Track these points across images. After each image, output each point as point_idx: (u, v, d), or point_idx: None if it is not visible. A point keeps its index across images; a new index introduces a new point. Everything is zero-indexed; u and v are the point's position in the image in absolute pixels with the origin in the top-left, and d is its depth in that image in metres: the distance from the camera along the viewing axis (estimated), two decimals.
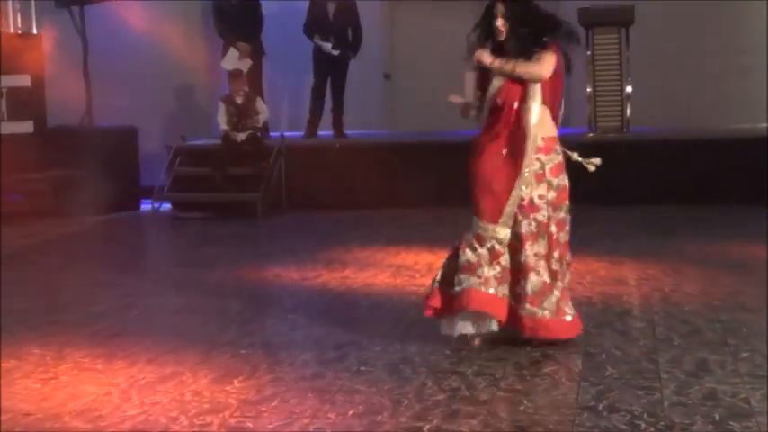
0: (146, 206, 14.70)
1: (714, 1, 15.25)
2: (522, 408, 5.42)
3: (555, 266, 6.52)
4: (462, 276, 6.50)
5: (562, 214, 6.55)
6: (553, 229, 6.50)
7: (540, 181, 6.46)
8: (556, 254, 6.51)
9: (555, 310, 6.50)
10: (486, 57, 6.52)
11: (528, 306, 6.46)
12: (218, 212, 13.97)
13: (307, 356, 6.56)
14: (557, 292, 6.51)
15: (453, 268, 6.60)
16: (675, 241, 10.82)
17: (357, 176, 14.22)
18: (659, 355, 6.30)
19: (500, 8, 6.48)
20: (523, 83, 6.46)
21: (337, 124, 15.24)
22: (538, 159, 6.45)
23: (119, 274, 9.79)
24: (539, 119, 6.47)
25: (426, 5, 16.40)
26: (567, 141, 6.80)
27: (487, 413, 5.34)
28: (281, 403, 5.60)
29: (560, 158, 6.55)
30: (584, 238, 9.50)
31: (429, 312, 6.70)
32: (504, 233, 6.47)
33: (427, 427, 5.15)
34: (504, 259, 6.49)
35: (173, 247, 12.57)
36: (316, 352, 6.68)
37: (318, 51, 14.98)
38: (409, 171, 13.96)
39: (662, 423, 5.11)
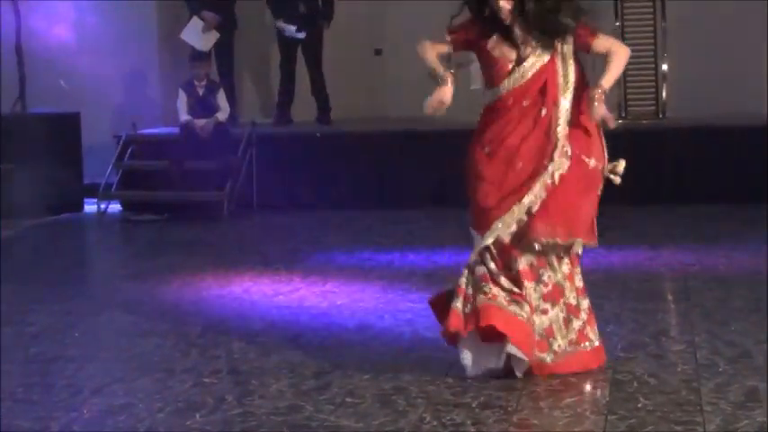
0: (90, 207, 14.67)
1: None
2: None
3: (579, 283, 6.55)
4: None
5: None
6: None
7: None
8: (578, 269, 6.54)
9: (575, 339, 6.50)
10: (609, 118, 6.52)
11: (536, 352, 6.40)
12: (177, 214, 13.97)
13: (281, 386, 6.57)
14: (582, 317, 6.53)
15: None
16: (721, 248, 10.84)
17: (341, 171, 14.24)
18: (701, 384, 6.32)
19: None
20: (559, 71, 6.39)
21: (320, 109, 15.27)
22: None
23: (58, 289, 9.79)
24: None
25: None
26: None
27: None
28: None
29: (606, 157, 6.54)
30: (612, 245, 9.53)
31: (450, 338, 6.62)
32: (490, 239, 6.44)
33: None
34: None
35: (122, 255, 12.58)
36: (292, 381, 6.68)
37: (285, 19, 15.01)
38: (403, 164, 14.00)
39: None
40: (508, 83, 6.37)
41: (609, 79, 6.46)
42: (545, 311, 6.41)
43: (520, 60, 6.35)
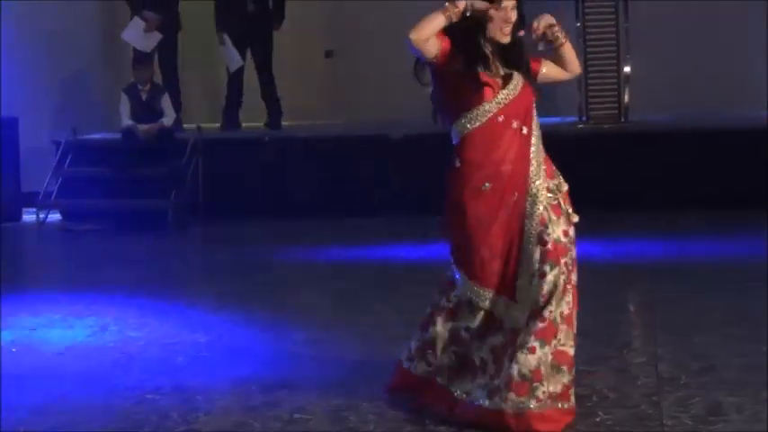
0: (29, 216, 14.62)
1: None
2: None
3: (574, 329, 6.10)
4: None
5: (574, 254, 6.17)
6: (575, 277, 6.13)
7: (559, 214, 6.05)
8: (574, 312, 6.09)
9: (560, 395, 5.95)
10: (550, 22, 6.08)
11: (513, 396, 5.89)
12: (119, 223, 13.94)
13: (227, 403, 6.57)
14: (572, 372, 6.06)
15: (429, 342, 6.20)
16: (687, 256, 10.91)
17: (292, 177, 14.25)
18: (663, 398, 6.35)
19: (507, 2, 5.96)
20: (533, 95, 6.12)
21: (270, 113, 15.30)
22: (548, 188, 6.04)
23: None
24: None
25: None
26: (554, 134, 6.84)
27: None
28: None
29: (561, 178, 6.15)
30: None
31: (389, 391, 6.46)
32: (518, 313, 5.98)
33: None
34: (498, 339, 6.05)
35: (62, 267, 12.51)
36: (239, 397, 6.68)
37: (234, 24, 15.04)
38: (357, 170, 14.04)
39: None
40: (501, 97, 5.96)
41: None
42: (532, 350, 5.91)
43: (506, 79, 6.02)
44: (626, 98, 14.41)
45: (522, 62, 6.08)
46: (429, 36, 5.85)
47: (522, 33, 6.07)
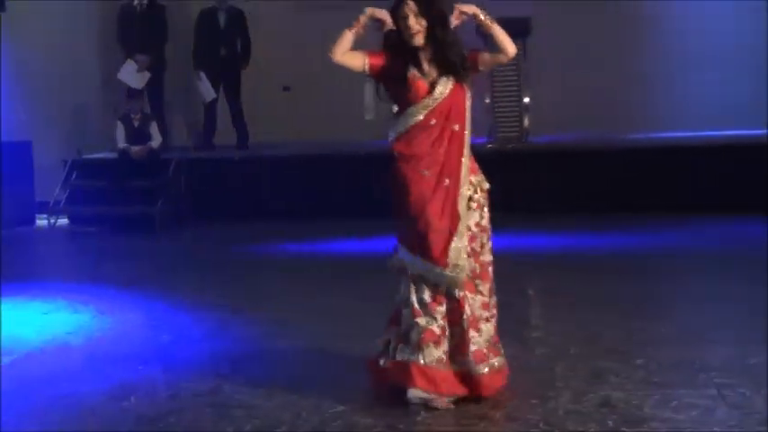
0: (41, 221, 14.53)
1: (610, 13, 15.51)
2: (419, 419, 5.47)
3: (489, 300, 5.91)
4: (424, 348, 5.66)
5: (489, 242, 5.93)
6: (486, 258, 5.88)
7: (478, 208, 5.84)
8: (487, 286, 5.86)
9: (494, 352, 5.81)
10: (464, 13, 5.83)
11: (485, 362, 5.73)
12: (116, 226, 13.85)
13: (203, 372, 6.53)
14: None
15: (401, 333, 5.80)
16: (577, 252, 10.96)
17: (258, 189, 14.24)
18: (556, 365, 6.38)
19: (412, 7, 5.69)
20: (466, 93, 5.79)
21: (239, 136, 15.35)
22: (470, 182, 5.81)
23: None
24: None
25: (330, 12, 16.36)
26: None
27: (386, 426, 5.39)
28: (177, 420, 5.59)
29: (482, 176, 5.95)
30: None
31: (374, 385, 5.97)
32: (453, 275, 5.68)
33: None
34: (443, 308, 5.73)
35: (68, 262, 12.41)
36: (213, 367, 6.65)
37: (209, 64, 15.08)
38: (310, 183, 14.07)
39: (557, 430, 5.20)
40: (429, 101, 5.68)
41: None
42: (488, 319, 5.81)
43: (434, 83, 5.70)
44: (525, 122, 14.46)
45: (457, 64, 5.73)
46: (342, 52, 5.76)
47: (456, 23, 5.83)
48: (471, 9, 5.82)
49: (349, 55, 5.78)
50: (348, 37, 5.78)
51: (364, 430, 5.33)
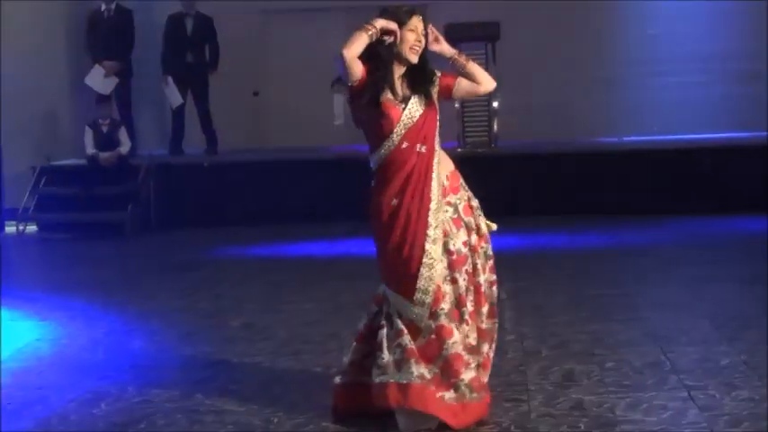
0: (10, 228, 14.50)
1: (579, 17, 15.58)
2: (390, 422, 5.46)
3: (484, 326, 5.64)
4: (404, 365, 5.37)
5: (489, 262, 5.72)
6: (481, 279, 5.63)
7: (459, 226, 5.56)
8: (484, 310, 5.63)
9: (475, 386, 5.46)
10: (441, 44, 5.63)
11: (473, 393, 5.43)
12: (86, 233, 13.80)
13: (175, 377, 6.52)
14: (479, 358, 5.57)
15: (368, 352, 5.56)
16: (547, 255, 11.00)
17: (227, 194, 14.24)
18: (528, 368, 6.38)
19: (417, 23, 5.51)
20: (437, 114, 5.59)
21: (208, 142, 15.33)
22: (448, 203, 5.56)
23: None
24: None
25: (297, 18, 16.41)
26: None
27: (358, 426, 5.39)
28: (148, 426, 5.57)
29: (469, 193, 5.75)
30: None
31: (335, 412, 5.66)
32: (420, 311, 5.42)
33: None
34: (422, 342, 5.41)
35: (38, 269, 12.35)
36: (185, 371, 6.63)
37: (176, 69, 15.08)
38: (280, 187, 14.08)
39: None
40: (401, 127, 5.42)
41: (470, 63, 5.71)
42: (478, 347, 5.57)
43: (405, 103, 5.45)
44: (495, 127, 14.51)
45: (428, 83, 5.55)
46: (358, 53, 5.33)
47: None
48: (449, 52, 5.66)
49: (356, 60, 5.38)
50: (364, 40, 5.34)
51: None
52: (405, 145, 5.44)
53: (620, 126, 15.41)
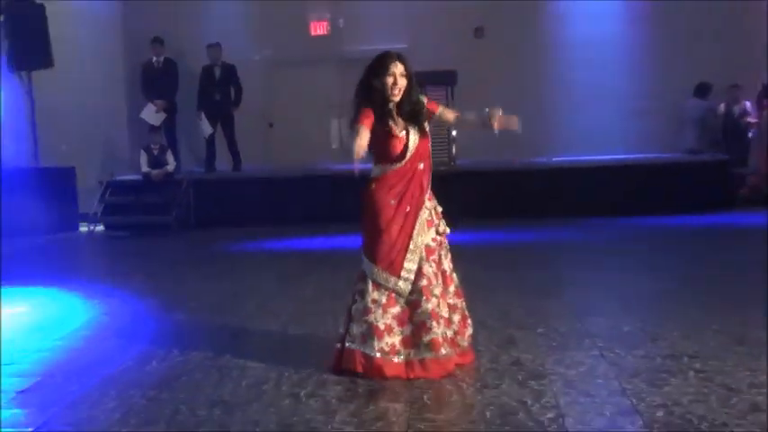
0: (83, 228, 14.52)
1: (518, 69, 15.65)
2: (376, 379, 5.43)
3: (451, 300, 5.61)
4: (369, 340, 5.36)
5: (449, 254, 5.67)
6: (446, 266, 5.62)
7: (431, 225, 5.53)
8: (451, 289, 5.62)
9: (450, 344, 5.48)
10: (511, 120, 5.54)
11: (441, 351, 5.37)
12: (141, 231, 13.83)
13: (208, 342, 6.49)
14: (453, 326, 5.58)
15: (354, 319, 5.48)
16: (492, 248, 11.02)
17: (252, 202, 14.27)
18: (477, 334, 6.37)
19: (399, 67, 5.38)
20: (429, 137, 5.52)
21: (234, 161, 15.41)
22: (425, 207, 5.53)
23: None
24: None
25: (300, 67, 16.45)
26: None
27: (348, 380, 5.37)
28: (189, 378, 5.56)
29: (435, 201, 5.64)
30: None
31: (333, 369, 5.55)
32: (404, 285, 5.40)
33: (303, 392, 5.16)
34: (396, 309, 5.40)
35: (103, 259, 12.30)
36: (215, 339, 6.61)
37: (208, 106, 15.10)
38: (288, 196, 14.15)
39: (479, 383, 5.22)
40: (408, 153, 5.39)
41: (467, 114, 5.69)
42: (447, 314, 5.53)
43: (407, 134, 5.41)
44: (453, 150, 14.53)
45: (420, 118, 5.44)
46: (365, 147, 5.18)
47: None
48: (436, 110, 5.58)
49: (364, 136, 5.22)
50: (367, 133, 5.23)
51: (334, 383, 5.31)
52: (408, 164, 5.39)
53: (549, 149, 15.48)
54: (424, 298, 5.37)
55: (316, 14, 16.55)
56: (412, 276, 5.39)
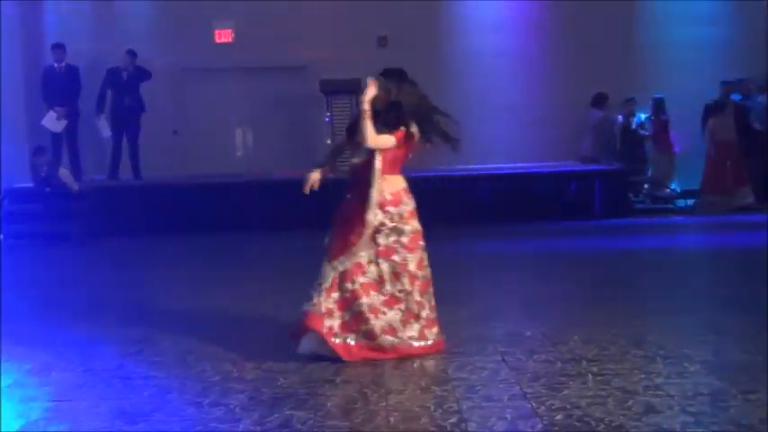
0: None
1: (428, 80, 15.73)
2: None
3: (418, 298, 5.91)
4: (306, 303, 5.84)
5: (419, 253, 5.98)
6: (412, 267, 5.89)
7: (393, 229, 5.87)
8: (417, 287, 5.90)
9: (417, 337, 5.88)
10: (370, 92, 6.00)
11: (387, 337, 5.80)
12: (42, 241, 13.49)
13: (113, 351, 6.39)
14: (422, 321, 5.91)
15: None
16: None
17: (150, 209, 14.04)
18: (460, 328, 6.43)
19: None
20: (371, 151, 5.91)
21: (134, 168, 15.18)
22: (387, 211, 5.87)
23: None
24: (382, 178, 5.92)
25: (207, 74, 16.30)
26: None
27: (252, 388, 5.35)
28: (89, 389, 5.46)
29: (411, 206, 6.01)
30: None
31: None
32: (341, 265, 5.81)
33: (207, 401, 5.12)
34: (335, 296, 5.79)
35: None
36: (119, 348, 6.50)
37: (113, 109, 14.94)
38: (192, 203, 14.02)
39: (383, 389, 5.24)
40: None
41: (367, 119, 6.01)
42: (384, 313, 5.82)
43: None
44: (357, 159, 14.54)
45: (392, 122, 5.99)
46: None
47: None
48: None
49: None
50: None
51: (237, 392, 5.27)
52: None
53: (450, 158, 15.53)
54: (361, 291, 5.77)
55: (220, 22, 16.42)
56: (343, 266, 5.80)
